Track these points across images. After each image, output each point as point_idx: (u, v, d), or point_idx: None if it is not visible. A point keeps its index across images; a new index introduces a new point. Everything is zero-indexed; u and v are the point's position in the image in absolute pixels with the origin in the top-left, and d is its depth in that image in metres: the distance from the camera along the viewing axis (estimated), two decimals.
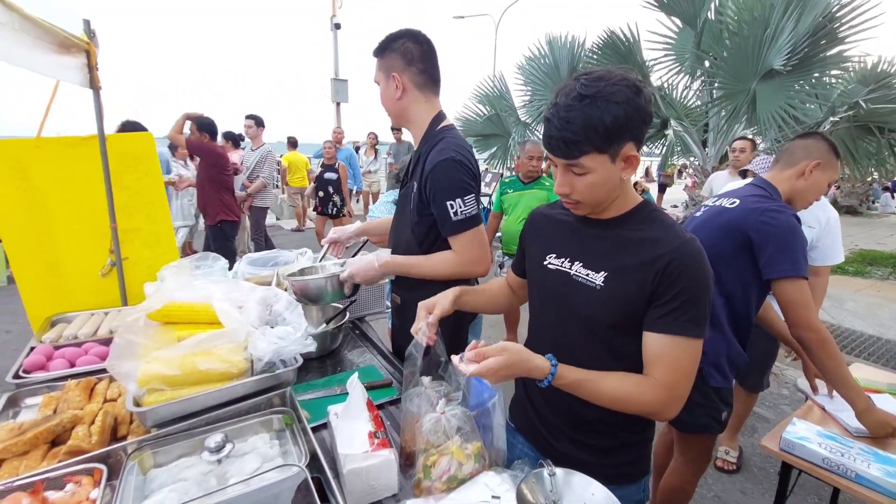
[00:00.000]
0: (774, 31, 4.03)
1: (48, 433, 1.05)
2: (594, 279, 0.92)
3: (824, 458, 1.25)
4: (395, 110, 1.42)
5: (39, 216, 1.69)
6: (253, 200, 5.27)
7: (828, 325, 4.41)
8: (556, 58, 6.14)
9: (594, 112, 0.79)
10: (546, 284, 1.03)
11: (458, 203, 1.28)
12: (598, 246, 0.95)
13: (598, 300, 0.91)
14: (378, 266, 1.42)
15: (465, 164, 1.31)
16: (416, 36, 1.36)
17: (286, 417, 1.06)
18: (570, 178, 0.88)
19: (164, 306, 1.18)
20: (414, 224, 1.41)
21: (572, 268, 0.97)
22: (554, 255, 1.01)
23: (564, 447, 1.05)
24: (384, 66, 1.37)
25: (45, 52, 1.33)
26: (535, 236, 1.10)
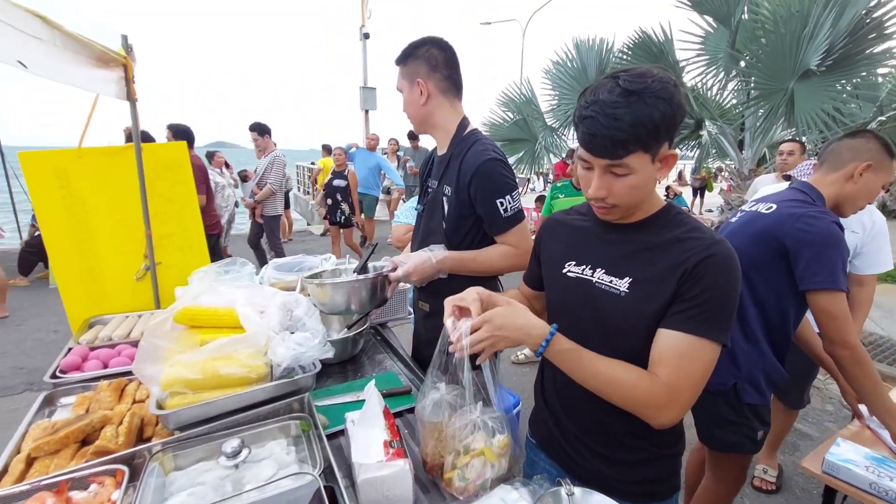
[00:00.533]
0: (813, 28, 3.84)
1: (79, 433, 1.09)
2: (618, 286, 0.88)
3: (872, 483, 1.16)
4: (419, 116, 1.42)
5: (80, 223, 1.77)
6: (263, 209, 5.10)
7: (877, 336, 4.14)
8: (584, 61, 6.05)
9: (643, 109, 0.74)
10: (566, 293, 0.99)
11: (507, 200, 1.31)
12: (620, 251, 0.91)
13: (622, 307, 0.87)
14: (435, 262, 1.37)
15: (506, 163, 1.35)
16: (439, 43, 1.37)
17: (303, 424, 1.06)
18: (609, 180, 0.82)
19: (189, 310, 1.21)
20: (448, 231, 1.40)
21: (594, 275, 0.93)
22: (573, 262, 0.97)
23: (588, 462, 1.00)
24: (408, 72, 1.37)
25: (85, 66, 1.40)
26: (551, 244, 1.07)
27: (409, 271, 1.37)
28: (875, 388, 1.28)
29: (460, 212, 1.36)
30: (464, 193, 1.33)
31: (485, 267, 1.40)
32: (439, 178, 1.43)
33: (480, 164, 1.29)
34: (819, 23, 3.78)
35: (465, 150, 1.35)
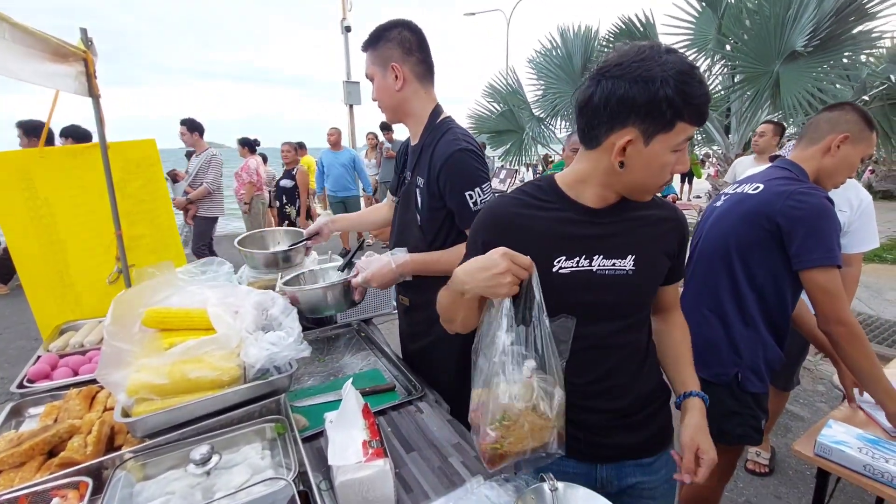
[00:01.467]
0: (797, 10, 3.83)
1: (44, 444, 1.04)
2: (623, 266, 0.88)
3: (866, 465, 1.14)
4: (392, 104, 1.35)
5: (46, 226, 1.70)
6: (197, 209, 4.76)
7: (866, 315, 4.17)
8: (569, 49, 6.01)
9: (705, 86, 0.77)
10: (563, 292, 0.87)
11: (476, 192, 1.25)
12: (616, 231, 0.89)
13: (631, 285, 0.89)
14: (395, 267, 1.33)
15: (477, 153, 1.28)
16: (410, 25, 1.31)
17: (279, 426, 1.01)
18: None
19: (158, 312, 1.15)
20: (423, 222, 1.35)
21: (592, 264, 0.87)
22: (563, 257, 0.87)
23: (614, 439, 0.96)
24: (380, 57, 1.30)
25: (39, 61, 1.33)
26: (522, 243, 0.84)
27: (367, 278, 1.35)
28: (872, 367, 1.25)
29: (432, 204, 1.31)
30: (434, 186, 1.28)
31: (450, 267, 1.32)
32: (412, 170, 1.38)
33: (449, 155, 1.23)
34: (803, 4, 3.77)
35: (437, 139, 1.29)
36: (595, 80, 0.78)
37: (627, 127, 0.76)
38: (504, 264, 0.76)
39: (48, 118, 1.64)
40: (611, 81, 0.75)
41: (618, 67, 0.74)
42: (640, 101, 0.73)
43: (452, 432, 1.14)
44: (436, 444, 1.10)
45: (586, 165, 0.87)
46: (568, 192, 0.90)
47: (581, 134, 0.85)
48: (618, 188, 0.86)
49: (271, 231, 1.94)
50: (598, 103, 0.77)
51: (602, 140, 0.80)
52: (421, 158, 1.34)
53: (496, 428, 0.76)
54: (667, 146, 0.77)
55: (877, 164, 11.36)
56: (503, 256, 0.76)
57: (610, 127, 0.78)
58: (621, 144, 0.77)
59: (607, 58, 0.78)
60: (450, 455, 1.06)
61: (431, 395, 1.31)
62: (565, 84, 6.23)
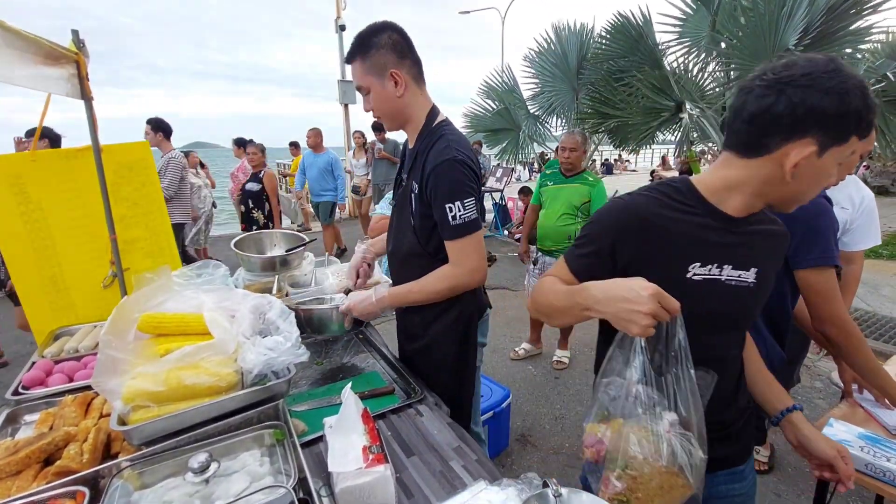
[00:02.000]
0: (791, 8, 3.83)
1: (40, 452, 1.03)
2: (746, 278, 0.88)
3: (867, 464, 1.14)
4: (394, 111, 1.31)
5: (39, 230, 1.68)
6: None
7: (863, 311, 4.19)
8: (565, 47, 6.01)
9: None
10: (695, 299, 0.84)
11: (457, 206, 1.22)
12: (745, 242, 0.89)
13: (751, 297, 0.90)
14: (375, 300, 1.38)
15: (468, 164, 1.24)
16: (396, 27, 1.27)
17: (277, 433, 1.00)
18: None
19: (153, 317, 1.14)
20: (417, 227, 1.34)
21: (722, 273, 0.87)
22: (698, 263, 0.86)
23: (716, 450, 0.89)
24: (374, 66, 1.24)
25: (31, 64, 1.31)
26: (654, 246, 0.86)
27: (349, 307, 1.41)
28: (868, 361, 1.25)
29: (423, 210, 1.29)
30: (424, 193, 1.27)
31: (424, 297, 1.34)
32: (408, 172, 1.36)
33: (438, 164, 1.21)
34: (797, 2, 3.77)
35: (430, 145, 1.27)
36: (775, 88, 0.76)
37: (807, 137, 0.75)
38: (650, 306, 0.70)
39: (40, 121, 1.62)
40: (800, 91, 0.73)
41: (806, 77, 0.73)
42: (830, 112, 0.72)
43: (453, 436, 1.13)
44: (436, 447, 1.09)
45: (741, 173, 0.84)
46: (709, 198, 0.88)
47: (741, 141, 0.82)
48: (771, 198, 0.85)
49: (269, 233, 1.93)
50: (782, 111, 0.75)
51: (773, 149, 0.78)
52: (416, 163, 1.32)
53: (620, 477, 0.73)
54: (836, 159, 0.77)
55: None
56: (652, 297, 0.71)
57: (788, 137, 0.76)
58: (803, 154, 0.75)
59: (783, 68, 0.77)
60: (451, 459, 1.05)
61: (431, 398, 1.30)
62: (561, 82, 6.23)
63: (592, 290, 0.79)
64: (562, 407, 2.91)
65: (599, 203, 3.06)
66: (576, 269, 0.93)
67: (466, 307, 1.39)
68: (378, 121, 5.34)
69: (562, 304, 0.89)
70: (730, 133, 0.85)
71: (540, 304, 0.96)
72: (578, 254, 0.94)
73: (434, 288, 1.31)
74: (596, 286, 0.79)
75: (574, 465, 2.39)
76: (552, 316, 0.95)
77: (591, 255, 0.91)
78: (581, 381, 3.24)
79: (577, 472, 2.56)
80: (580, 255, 0.93)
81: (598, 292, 0.78)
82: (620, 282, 0.76)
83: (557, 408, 2.91)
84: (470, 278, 1.29)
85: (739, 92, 0.82)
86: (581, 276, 0.91)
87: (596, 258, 0.90)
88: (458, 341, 1.40)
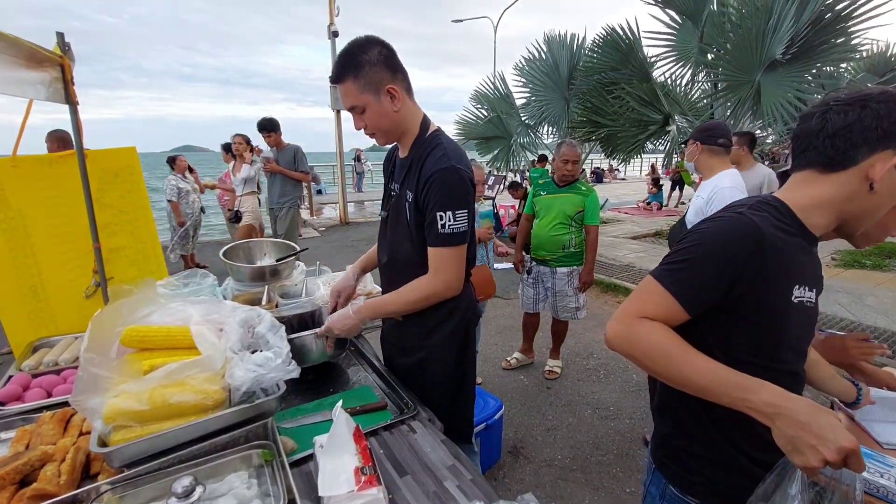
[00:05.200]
0: (777, 21, 3.92)
1: (15, 473, 0.98)
2: (812, 300, 0.88)
3: (861, 479, 1.14)
4: (392, 126, 1.28)
5: (18, 238, 1.62)
6: None
7: (848, 321, 4.25)
8: (556, 57, 6.08)
9: None
10: (798, 323, 0.87)
11: (448, 216, 1.21)
12: (816, 263, 0.91)
13: (815, 318, 0.92)
14: (353, 314, 1.35)
15: (465, 175, 1.24)
16: (382, 41, 1.24)
17: (266, 452, 0.97)
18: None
19: (137, 331, 1.10)
20: (414, 237, 1.32)
21: (805, 295, 0.87)
22: (798, 286, 0.85)
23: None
24: (369, 84, 1.20)
25: (11, 67, 1.27)
26: (776, 265, 0.82)
27: (329, 326, 1.38)
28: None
29: (419, 220, 1.28)
30: (420, 202, 1.26)
31: (400, 307, 1.34)
32: (401, 183, 1.34)
33: (435, 172, 1.21)
34: (782, 15, 3.86)
35: (426, 154, 1.26)
36: (857, 104, 0.79)
37: (889, 149, 0.78)
38: (835, 456, 0.66)
39: (21, 126, 1.57)
40: (884, 105, 0.77)
41: (884, 95, 0.78)
42: None
43: (447, 454, 1.10)
44: (430, 466, 1.06)
45: (829, 189, 0.84)
46: (801, 217, 0.87)
47: (826, 157, 0.83)
48: (850, 214, 0.85)
49: (258, 242, 1.89)
50: (869, 123, 0.78)
51: (859, 160, 0.80)
52: (410, 172, 1.30)
53: None
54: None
55: None
56: (843, 449, 0.66)
57: (873, 148, 0.79)
58: (889, 164, 0.78)
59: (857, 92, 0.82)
60: (445, 479, 1.02)
61: (424, 414, 1.27)
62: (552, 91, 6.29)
63: (789, 403, 0.71)
64: (554, 418, 2.89)
65: (593, 212, 3.07)
66: (689, 303, 0.82)
67: (466, 314, 1.38)
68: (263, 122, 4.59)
69: (707, 381, 0.77)
70: (808, 151, 0.86)
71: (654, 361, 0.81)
72: (691, 283, 0.82)
73: (410, 298, 1.31)
74: (796, 400, 0.71)
75: (567, 477, 2.37)
76: (672, 382, 0.82)
77: (707, 286, 0.81)
78: (573, 391, 3.23)
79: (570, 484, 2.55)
80: (695, 284, 0.82)
81: (796, 406, 0.70)
82: (826, 415, 0.69)
83: (550, 419, 2.88)
84: (445, 290, 1.29)
85: (810, 116, 0.85)
86: (693, 309, 0.83)
87: (713, 290, 0.82)
88: (457, 350, 1.38)
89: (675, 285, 0.83)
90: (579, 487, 2.29)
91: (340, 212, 10.04)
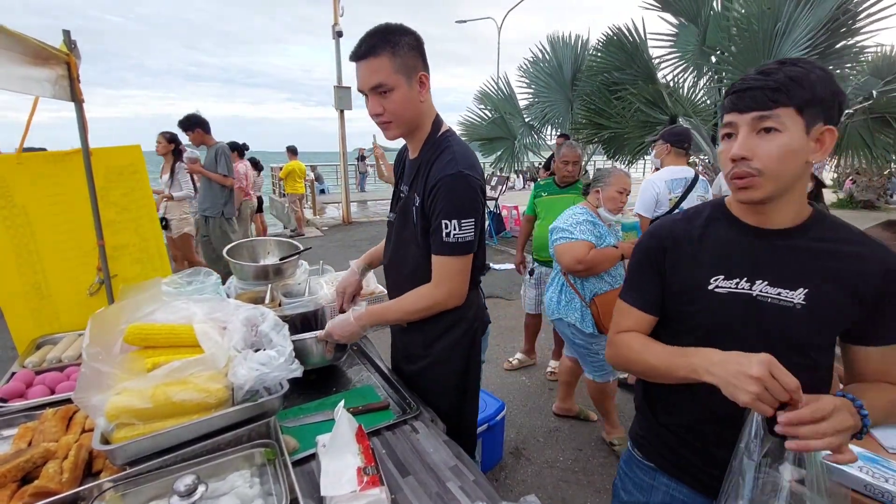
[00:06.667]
0: (786, 25, 3.90)
1: (17, 470, 0.98)
2: (790, 298, 0.81)
3: (867, 485, 1.13)
4: (414, 116, 1.22)
5: (22, 235, 1.63)
6: None
7: None
8: (559, 58, 6.07)
9: (797, 70, 0.75)
10: (719, 313, 0.86)
11: (453, 224, 1.16)
12: (785, 259, 0.83)
13: (799, 320, 0.82)
14: (353, 320, 1.31)
15: (473, 182, 1.19)
16: (415, 32, 1.19)
17: (268, 451, 0.97)
18: (755, 140, 0.77)
19: (141, 328, 1.10)
20: (420, 243, 1.27)
21: (753, 288, 0.84)
22: (721, 276, 0.86)
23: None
24: (404, 65, 1.13)
25: (16, 64, 1.27)
26: (678, 258, 0.91)
27: (329, 331, 1.36)
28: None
29: (425, 224, 1.24)
30: (427, 207, 1.21)
31: (401, 316, 1.30)
32: (410, 185, 1.29)
33: (442, 178, 1.16)
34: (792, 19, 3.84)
35: (435, 156, 1.22)
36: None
37: None
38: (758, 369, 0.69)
39: (27, 123, 1.57)
40: None
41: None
42: None
43: (449, 454, 1.10)
44: (433, 467, 1.06)
45: None
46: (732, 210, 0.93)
47: None
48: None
49: (262, 241, 1.89)
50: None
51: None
52: (419, 175, 1.26)
53: None
54: None
55: (858, 174, 11.63)
56: (762, 362, 0.70)
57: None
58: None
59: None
60: (447, 479, 1.02)
61: (427, 414, 1.27)
62: (556, 92, 6.28)
63: (708, 354, 0.79)
64: (556, 419, 2.88)
65: None
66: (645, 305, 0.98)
67: (472, 323, 1.34)
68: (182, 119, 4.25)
69: (662, 363, 0.88)
70: None
71: (632, 363, 0.96)
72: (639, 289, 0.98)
73: (412, 307, 1.27)
74: (711, 351, 0.79)
75: (569, 479, 2.36)
76: (648, 375, 0.96)
77: (647, 286, 0.97)
78: (575, 392, 3.22)
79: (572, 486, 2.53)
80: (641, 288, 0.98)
81: (713, 356, 0.78)
82: (738, 353, 0.75)
83: (551, 420, 2.88)
84: (447, 300, 1.25)
85: None
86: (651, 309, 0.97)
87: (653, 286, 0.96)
88: (462, 359, 1.34)
89: (629, 297, 1.00)
90: (581, 489, 2.29)
91: (343, 211, 10.05)
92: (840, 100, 0.77)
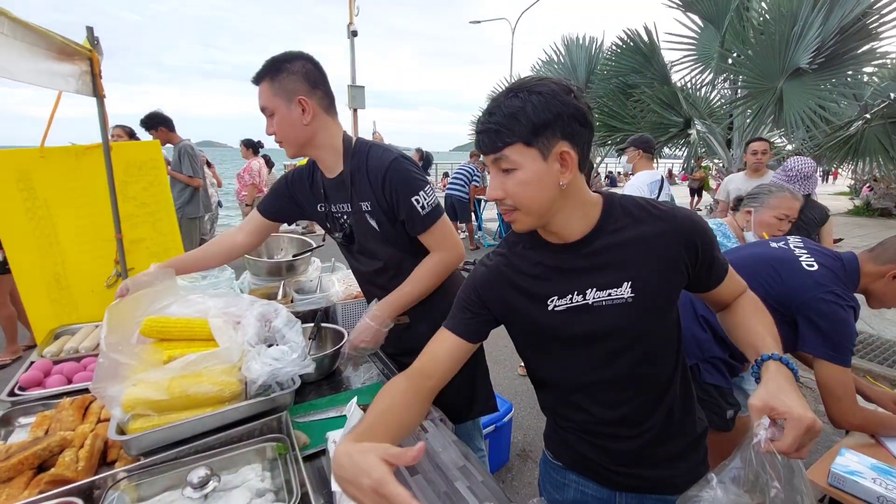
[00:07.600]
0: (803, 28, 3.85)
1: (34, 458, 1.00)
2: (621, 294, 0.83)
3: (880, 497, 1.11)
4: (301, 138, 1.28)
5: (44, 227, 1.66)
6: None
7: (867, 335, 4.15)
8: (574, 60, 6.04)
9: (515, 102, 0.75)
10: (564, 329, 0.88)
11: (421, 196, 1.28)
12: (600, 263, 0.85)
13: (635, 311, 0.84)
14: (371, 321, 1.36)
15: (409, 159, 1.32)
16: (310, 57, 1.26)
17: (280, 446, 0.98)
18: (501, 179, 0.79)
19: (157, 321, 1.12)
20: (390, 238, 1.35)
21: (587, 297, 0.85)
22: (555, 296, 0.87)
23: (635, 470, 0.96)
24: (282, 89, 1.22)
25: (41, 59, 1.30)
26: (508, 295, 0.91)
27: (354, 344, 1.39)
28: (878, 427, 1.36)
29: (390, 218, 1.32)
30: (384, 201, 1.29)
31: (421, 290, 1.36)
32: (349, 200, 1.34)
33: (388, 167, 1.26)
34: (808, 23, 3.79)
35: (365, 160, 1.29)
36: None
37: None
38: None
39: (50, 117, 1.60)
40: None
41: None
42: None
43: (458, 454, 1.10)
44: (441, 466, 1.06)
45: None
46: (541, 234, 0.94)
47: None
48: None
49: (276, 237, 1.91)
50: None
51: None
52: (355, 184, 1.31)
53: None
54: None
55: (875, 181, 11.41)
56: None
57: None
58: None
59: None
60: (456, 479, 1.02)
61: (435, 413, 1.27)
62: None
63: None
64: None
65: None
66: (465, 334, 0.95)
67: None
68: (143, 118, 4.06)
69: None
70: None
71: None
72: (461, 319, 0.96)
73: (429, 278, 1.35)
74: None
75: None
76: None
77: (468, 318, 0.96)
78: None
79: None
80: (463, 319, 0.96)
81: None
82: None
83: None
84: (456, 257, 1.36)
85: None
86: (473, 337, 0.96)
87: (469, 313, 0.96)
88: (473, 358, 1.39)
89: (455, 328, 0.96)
90: None
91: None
92: (573, 110, 0.75)
